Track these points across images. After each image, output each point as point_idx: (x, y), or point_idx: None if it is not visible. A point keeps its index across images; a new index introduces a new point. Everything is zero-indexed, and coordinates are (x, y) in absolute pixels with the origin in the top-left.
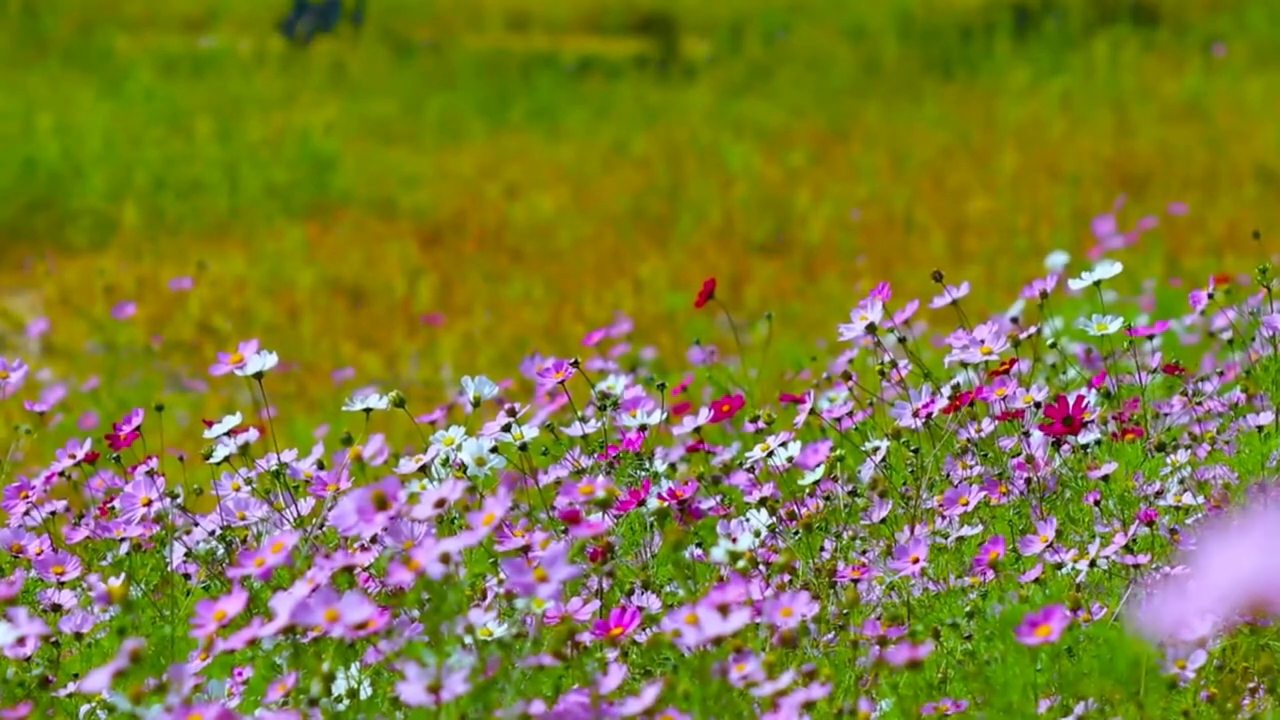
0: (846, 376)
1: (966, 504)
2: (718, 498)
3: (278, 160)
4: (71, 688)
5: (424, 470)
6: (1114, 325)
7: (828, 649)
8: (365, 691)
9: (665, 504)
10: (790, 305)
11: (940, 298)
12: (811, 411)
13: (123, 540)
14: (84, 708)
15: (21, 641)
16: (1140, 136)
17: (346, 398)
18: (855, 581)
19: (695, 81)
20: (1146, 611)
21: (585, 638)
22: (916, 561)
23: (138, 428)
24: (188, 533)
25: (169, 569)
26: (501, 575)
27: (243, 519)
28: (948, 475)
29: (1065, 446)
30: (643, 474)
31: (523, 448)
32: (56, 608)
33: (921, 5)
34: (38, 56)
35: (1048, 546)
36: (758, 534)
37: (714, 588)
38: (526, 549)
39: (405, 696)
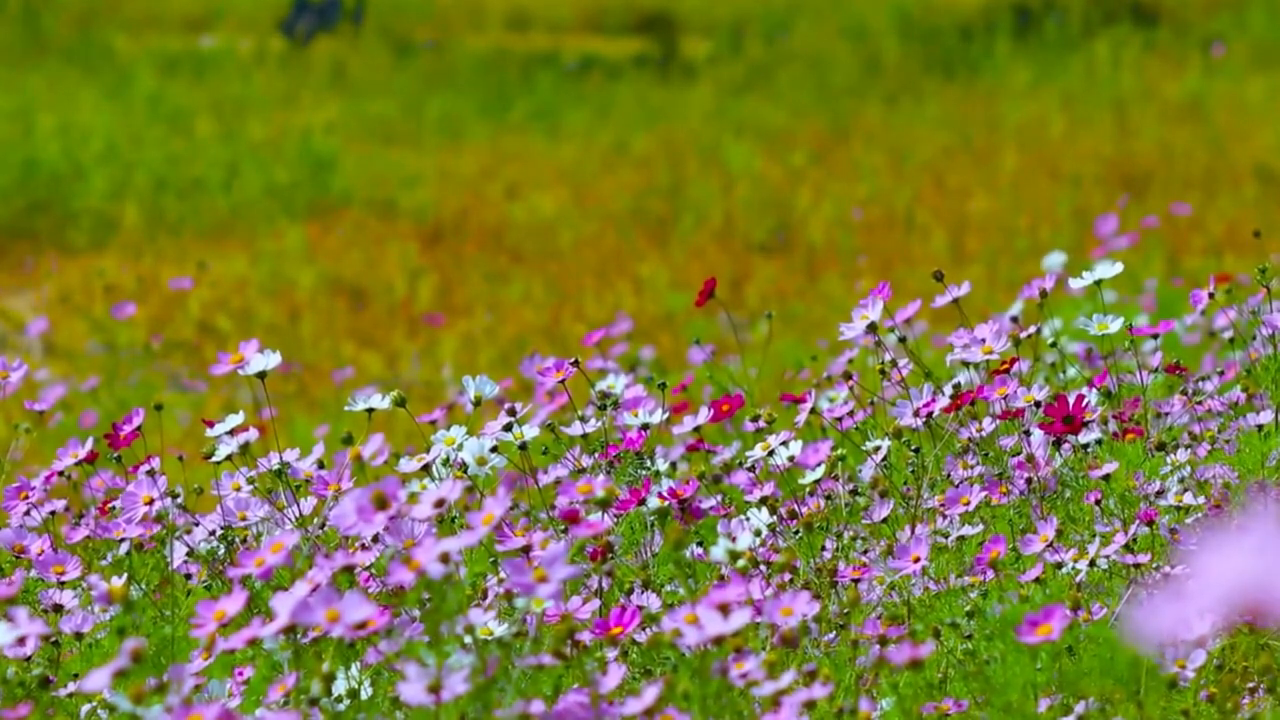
0: (847, 376)
1: (968, 503)
2: (718, 497)
3: (278, 160)
4: (72, 687)
5: (425, 470)
6: (1115, 325)
7: (828, 648)
8: (365, 691)
9: (665, 503)
10: (791, 305)
11: (941, 297)
12: (812, 411)
13: (123, 540)
14: (85, 708)
15: (22, 641)
16: (1141, 136)
17: (348, 398)
18: (856, 581)
19: (696, 81)
20: (1146, 611)
21: (585, 637)
22: (918, 560)
23: (138, 427)
24: (188, 532)
25: (169, 569)
26: (501, 575)
27: (243, 519)
28: (948, 475)
29: (1066, 446)
30: (643, 473)
31: (523, 447)
32: (57, 608)
33: (922, 5)
34: (38, 56)
35: (1048, 546)
36: (758, 533)
37: (714, 587)
38: (527, 549)
39: (405, 696)
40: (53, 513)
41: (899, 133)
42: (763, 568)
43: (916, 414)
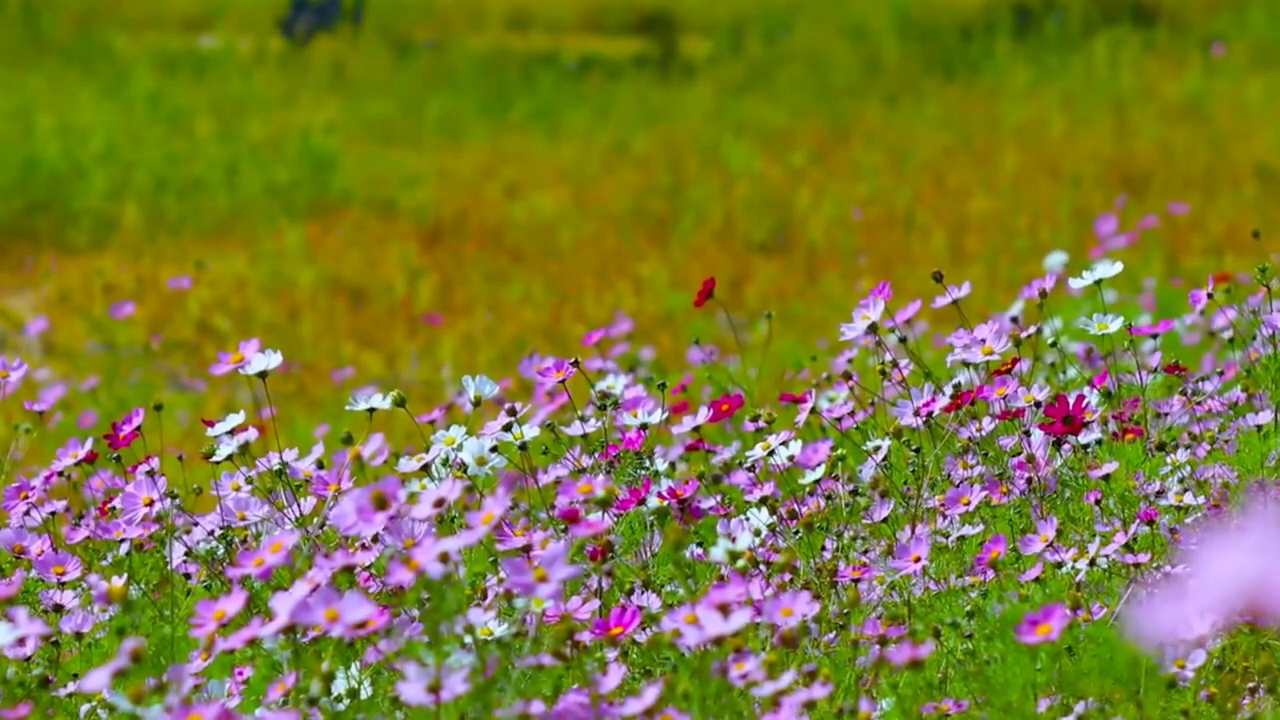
0: (847, 376)
1: (968, 503)
2: (718, 497)
3: (278, 160)
4: (72, 687)
5: (425, 470)
6: (1115, 325)
7: (828, 648)
8: (365, 691)
9: (665, 503)
10: (791, 305)
11: (941, 297)
12: (812, 411)
13: (123, 540)
14: (84, 707)
15: (22, 641)
16: (1140, 136)
17: (347, 397)
18: (856, 581)
19: (696, 81)
20: (1146, 611)
21: (585, 637)
22: (918, 560)
23: (138, 428)
24: (188, 532)
25: (169, 569)
26: (501, 574)
27: (242, 519)
28: (949, 475)
29: (1066, 446)
30: (643, 473)
31: (523, 447)
32: (58, 608)
33: (922, 5)
34: (38, 56)
35: (1048, 546)
36: (758, 533)
37: (714, 587)
38: (527, 548)
39: (405, 696)
40: (53, 513)
41: (899, 133)
42: (762, 568)
43: (917, 414)
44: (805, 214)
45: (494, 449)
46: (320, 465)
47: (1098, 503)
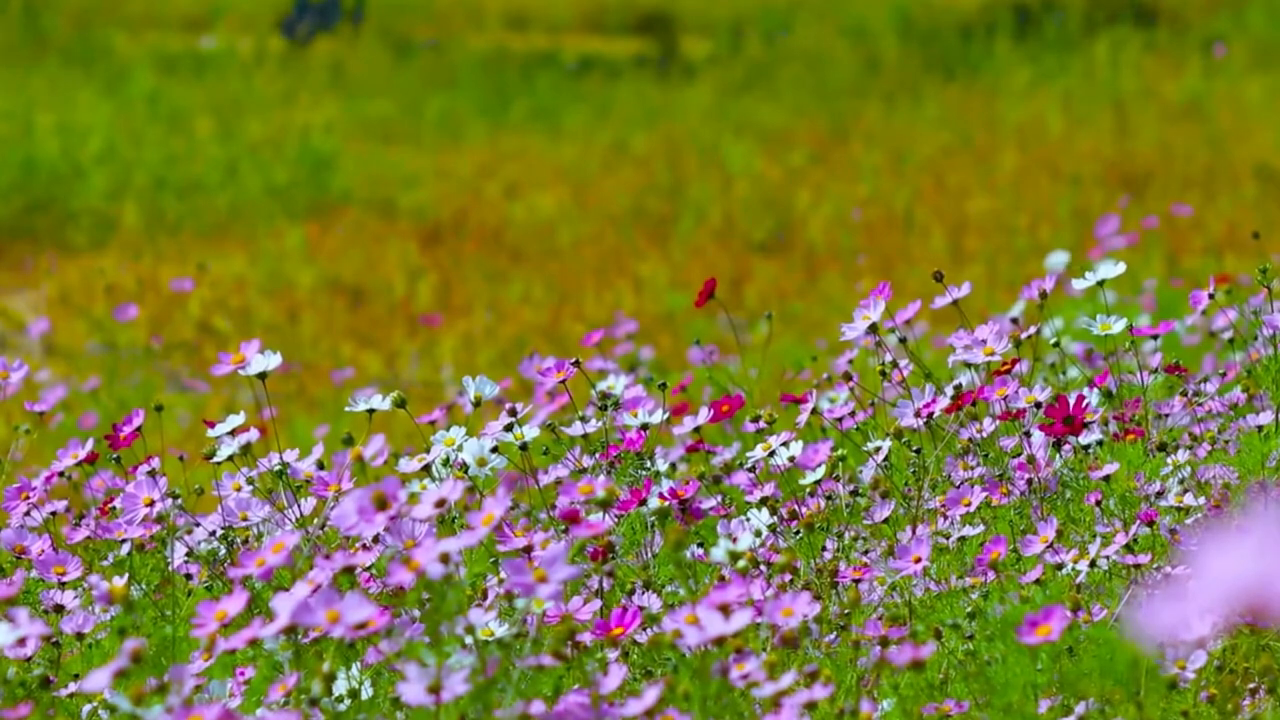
0: (847, 376)
1: (969, 504)
2: (718, 497)
3: (278, 160)
4: (73, 688)
5: (426, 470)
6: (1118, 326)
7: (829, 649)
8: (366, 691)
9: (666, 504)
10: (791, 305)
11: (941, 298)
12: (813, 411)
13: (124, 540)
14: (85, 708)
15: (23, 642)
16: (1140, 136)
17: (347, 398)
18: (857, 581)
19: (695, 81)
20: (1147, 612)
21: (586, 638)
22: (919, 561)
23: (138, 428)
24: (189, 533)
25: (170, 569)
26: (502, 575)
27: (244, 519)
28: (949, 475)
29: (1066, 447)
30: (643, 473)
31: (523, 448)
32: (58, 608)
33: (922, 5)
34: (38, 56)
35: (1048, 547)
36: (758, 534)
37: (715, 588)
38: (527, 549)
39: (406, 696)
40: (53, 513)
41: (899, 133)
42: (763, 568)
43: (917, 414)
44: (805, 214)
45: (494, 449)
46: (321, 466)
47: (1098, 504)
